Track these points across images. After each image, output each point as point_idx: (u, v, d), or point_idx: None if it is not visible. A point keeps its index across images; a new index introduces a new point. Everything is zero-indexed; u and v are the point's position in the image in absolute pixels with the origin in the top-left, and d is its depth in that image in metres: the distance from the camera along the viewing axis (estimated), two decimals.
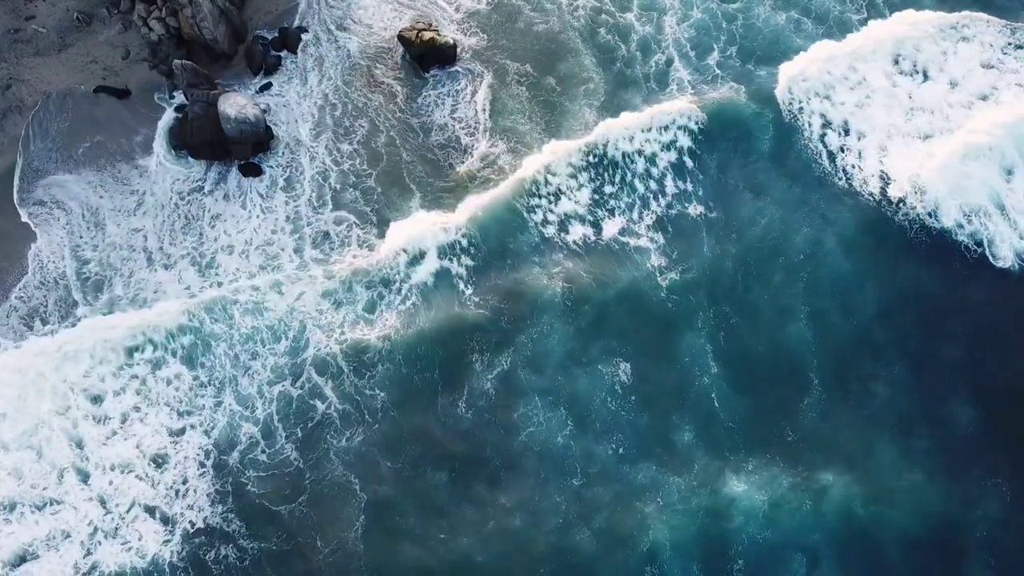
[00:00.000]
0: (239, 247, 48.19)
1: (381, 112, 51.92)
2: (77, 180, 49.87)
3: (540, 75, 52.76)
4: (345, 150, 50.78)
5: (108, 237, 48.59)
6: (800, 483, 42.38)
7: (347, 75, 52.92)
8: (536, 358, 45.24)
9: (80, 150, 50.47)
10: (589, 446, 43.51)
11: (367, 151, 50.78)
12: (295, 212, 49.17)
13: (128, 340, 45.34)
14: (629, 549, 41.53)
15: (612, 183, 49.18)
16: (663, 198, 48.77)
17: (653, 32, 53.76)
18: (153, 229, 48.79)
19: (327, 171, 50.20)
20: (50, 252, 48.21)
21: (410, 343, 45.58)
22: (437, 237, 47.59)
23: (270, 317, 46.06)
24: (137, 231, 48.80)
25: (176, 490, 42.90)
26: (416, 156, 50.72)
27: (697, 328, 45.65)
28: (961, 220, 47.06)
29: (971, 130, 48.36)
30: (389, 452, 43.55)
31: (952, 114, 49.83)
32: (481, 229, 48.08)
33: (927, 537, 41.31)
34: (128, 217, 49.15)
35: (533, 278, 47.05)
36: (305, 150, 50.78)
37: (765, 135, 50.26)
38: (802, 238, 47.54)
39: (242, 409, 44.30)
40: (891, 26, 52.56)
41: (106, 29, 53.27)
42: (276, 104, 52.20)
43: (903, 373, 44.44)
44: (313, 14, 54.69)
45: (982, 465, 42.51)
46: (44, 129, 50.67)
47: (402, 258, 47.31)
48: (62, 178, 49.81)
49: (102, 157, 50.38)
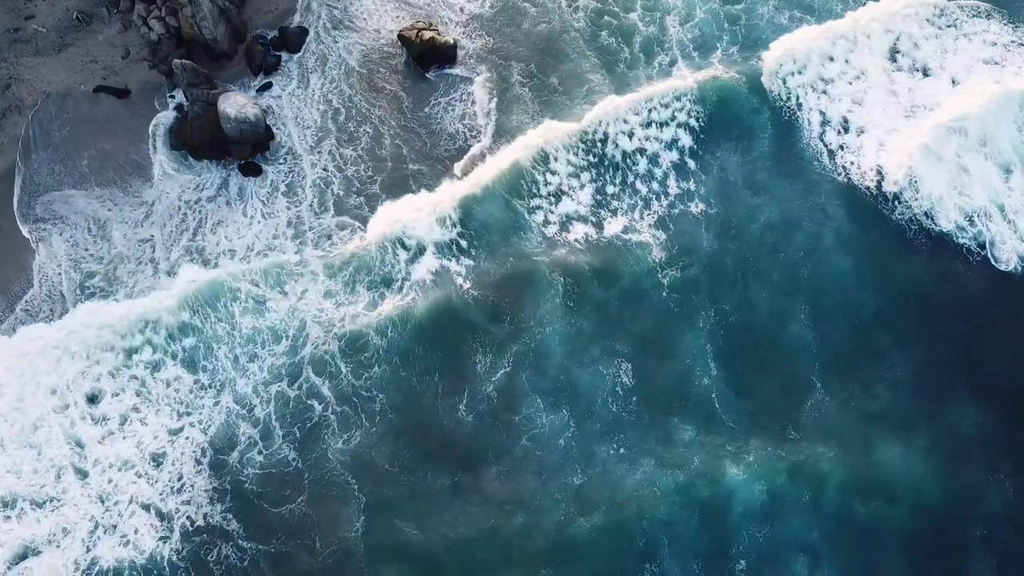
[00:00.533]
0: (240, 252, 48.05)
1: (383, 113, 51.74)
2: (82, 194, 49.63)
3: (544, 76, 52.66)
4: (348, 155, 50.68)
5: (114, 248, 48.39)
6: (801, 477, 42.40)
7: (347, 75, 52.72)
8: (537, 358, 45.14)
9: (84, 161, 50.17)
10: (591, 446, 43.43)
11: (369, 156, 50.70)
12: (296, 217, 49.08)
13: (126, 330, 45.22)
14: (628, 544, 41.61)
15: (610, 170, 49.23)
16: (662, 195, 48.72)
17: (656, 33, 53.62)
18: (161, 239, 48.45)
19: (328, 176, 50.14)
20: (54, 265, 47.99)
21: (409, 343, 45.49)
22: (431, 228, 47.51)
23: (271, 317, 46.00)
24: (144, 241, 48.49)
25: (172, 487, 42.91)
26: (419, 157, 50.58)
27: (698, 326, 45.75)
28: (960, 219, 47.17)
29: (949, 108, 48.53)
30: (388, 453, 43.45)
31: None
32: (480, 226, 48.07)
33: (927, 533, 41.43)
34: (135, 228, 48.88)
35: (534, 279, 46.98)
36: (305, 151, 50.70)
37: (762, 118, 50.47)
38: (802, 233, 47.65)
39: (240, 409, 44.23)
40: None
41: (106, 28, 53.20)
42: (276, 105, 52.06)
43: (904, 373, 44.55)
44: (313, 13, 54.52)
45: (982, 463, 42.46)
46: (46, 134, 50.50)
47: (402, 255, 47.28)
48: (66, 193, 49.53)
49: (107, 169, 50.08)
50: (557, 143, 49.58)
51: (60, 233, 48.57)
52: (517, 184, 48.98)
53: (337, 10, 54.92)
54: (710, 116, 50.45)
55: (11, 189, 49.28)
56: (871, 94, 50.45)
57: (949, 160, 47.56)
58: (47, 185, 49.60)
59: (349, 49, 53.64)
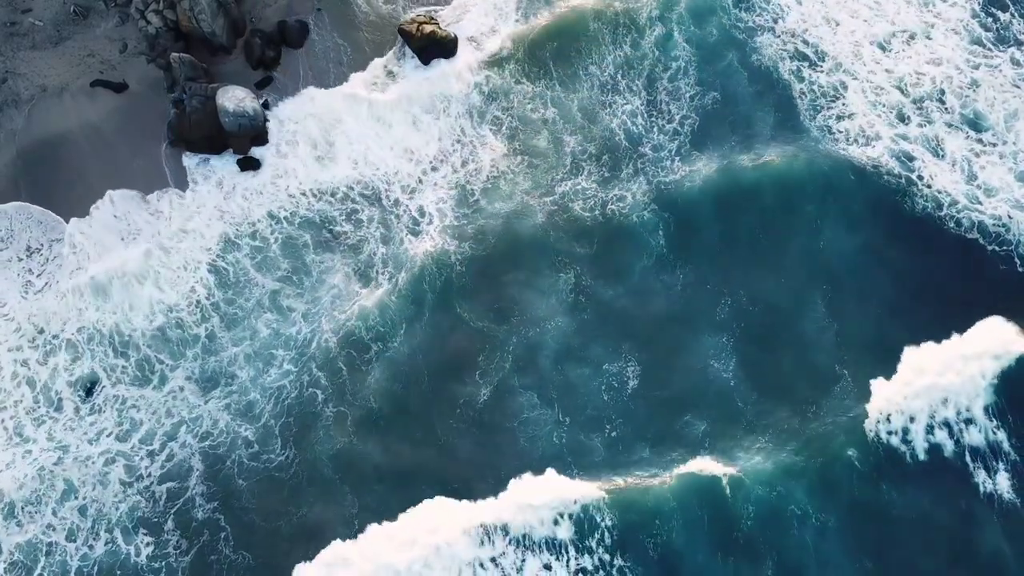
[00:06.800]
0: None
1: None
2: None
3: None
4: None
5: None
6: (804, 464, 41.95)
7: (347, 71, 52.00)
8: (538, 360, 44.70)
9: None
10: (591, 441, 43.05)
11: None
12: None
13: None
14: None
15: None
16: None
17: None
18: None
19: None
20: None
21: (409, 345, 45.24)
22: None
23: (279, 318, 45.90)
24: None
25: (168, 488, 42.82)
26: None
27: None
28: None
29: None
30: (387, 455, 43.14)
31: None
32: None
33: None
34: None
35: (536, 278, 46.56)
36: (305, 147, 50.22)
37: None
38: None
39: (240, 409, 44.04)
40: None
41: (103, 22, 52.66)
42: (273, 101, 51.49)
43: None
44: (311, 7, 53.72)
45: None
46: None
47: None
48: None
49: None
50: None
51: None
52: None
53: (336, 3, 54.11)
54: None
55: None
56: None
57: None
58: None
59: (348, 44, 52.84)
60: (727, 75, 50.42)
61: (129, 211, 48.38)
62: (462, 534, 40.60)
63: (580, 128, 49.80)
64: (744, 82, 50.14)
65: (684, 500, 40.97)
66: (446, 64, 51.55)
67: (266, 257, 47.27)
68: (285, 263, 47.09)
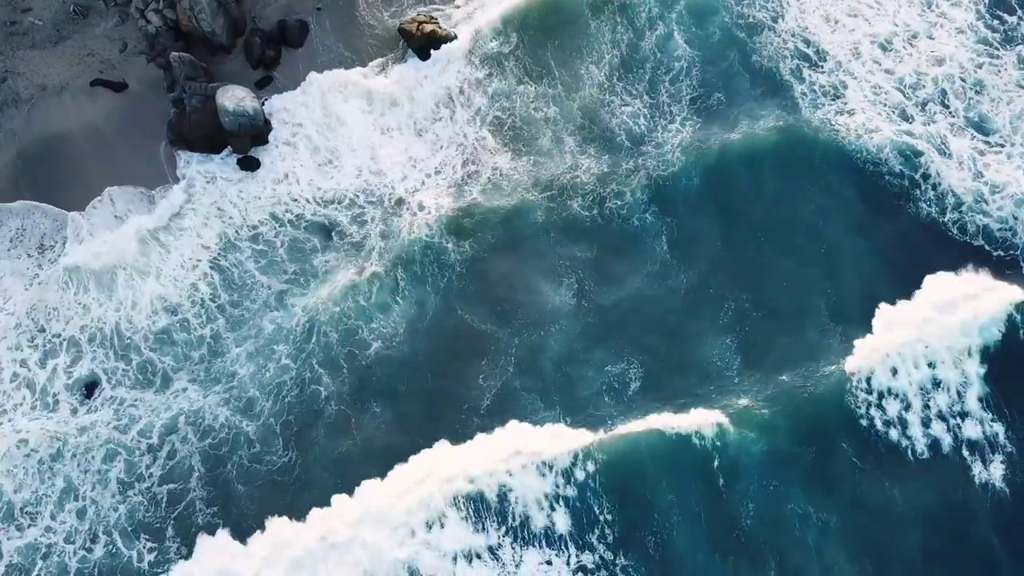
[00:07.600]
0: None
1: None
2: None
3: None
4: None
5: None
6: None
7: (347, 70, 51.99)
8: (538, 363, 44.70)
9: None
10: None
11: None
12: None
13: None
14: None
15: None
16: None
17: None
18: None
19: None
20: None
21: (409, 349, 45.15)
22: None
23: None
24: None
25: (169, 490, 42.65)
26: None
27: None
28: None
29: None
30: (387, 454, 43.09)
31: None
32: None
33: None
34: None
35: (538, 279, 46.56)
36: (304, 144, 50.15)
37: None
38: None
39: (240, 408, 43.95)
40: None
41: (103, 22, 52.54)
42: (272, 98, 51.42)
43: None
44: (312, 6, 53.64)
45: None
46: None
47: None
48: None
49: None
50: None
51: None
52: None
53: (336, 2, 54.07)
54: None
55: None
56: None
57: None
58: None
59: (347, 43, 52.78)
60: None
61: (128, 209, 48.27)
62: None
63: (578, 120, 50.36)
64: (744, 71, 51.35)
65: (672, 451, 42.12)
66: (444, 58, 51.58)
67: (266, 255, 47.25)
68: (286, 261, 47.14)
